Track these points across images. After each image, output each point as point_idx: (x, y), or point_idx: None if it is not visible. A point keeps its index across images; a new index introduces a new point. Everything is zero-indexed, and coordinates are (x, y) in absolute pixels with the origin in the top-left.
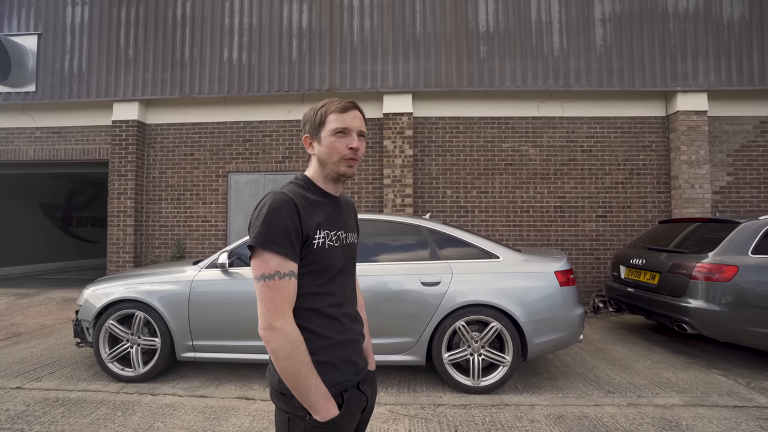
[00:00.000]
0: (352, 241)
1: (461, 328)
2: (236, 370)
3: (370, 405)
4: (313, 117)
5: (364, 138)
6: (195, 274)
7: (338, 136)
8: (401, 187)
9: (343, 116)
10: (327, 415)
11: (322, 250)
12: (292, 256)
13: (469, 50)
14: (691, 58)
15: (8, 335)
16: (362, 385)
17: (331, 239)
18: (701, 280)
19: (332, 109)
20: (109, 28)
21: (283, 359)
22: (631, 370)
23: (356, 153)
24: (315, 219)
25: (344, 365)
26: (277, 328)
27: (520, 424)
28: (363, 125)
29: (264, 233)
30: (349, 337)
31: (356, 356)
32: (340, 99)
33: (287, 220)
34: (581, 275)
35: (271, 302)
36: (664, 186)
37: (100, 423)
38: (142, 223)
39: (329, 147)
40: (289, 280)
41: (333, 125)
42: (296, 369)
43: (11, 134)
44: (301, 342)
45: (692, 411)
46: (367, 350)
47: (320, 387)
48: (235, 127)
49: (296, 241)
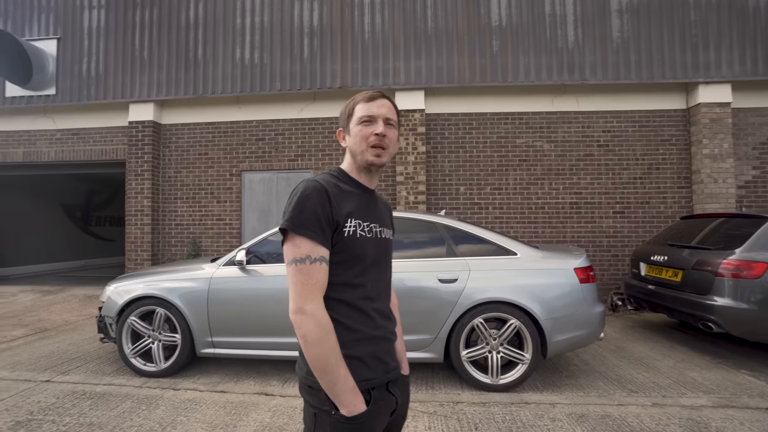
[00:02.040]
0: (387, 237)
1: (479, 326)
2: (255, 366)
3: (400, 408)
4: (344, 110)
5: (394, 127)
6: (213, 272)
7: (364, 125)
8: (414, 185)
9: (369, 105)
10: (354, 409)
11: (354, 239)
12: (323, 242)
13: (481, 45)
14: (713, 47)
15: (36, 330)
16: (392, 386)
17: (363, 229)
18: (728, 277)
19: (359, 99)
20: (125, 31)
21: (312, 344)
22: (654, 369)
23: (382, 140)
24: (346, 207)
25: (373, 362)
26: (308, 311)
27: (542, 422)
28: (391, 113)
29: (295, 218)
30: (380, 333)
31: (386, 355)
32: (371, 90)
33: (318, 206)
34: (598, 272)
35: (302, 286)
36: (684, 181)
37: (125, 416)
38: (158, 221)
39: (356, 136)
40: (320, 265)
41: (359, 114)
42: (325, 356)
43: (33, 136)
44: (332, 329)
45: (722, 412)
46: (401, 353)
47: (348, 378)
48: (247, 126)
49: (327, 227)
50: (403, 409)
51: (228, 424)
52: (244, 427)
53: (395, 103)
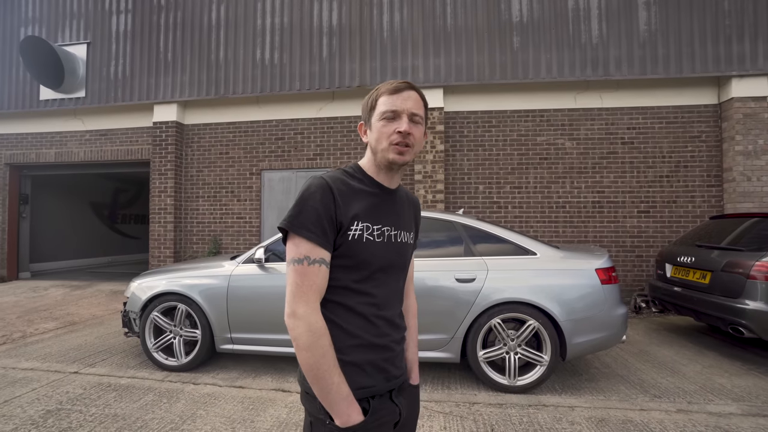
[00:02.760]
0: (404, 241)
1: (497, 326)
2: (272, 363)
3: (405, 420)
4: (367, 102)
5: (420, 123)
6: (233, 269)
7: (387, 121)
8: (432, 183)
9: (393, 98)
10: (348, 420)
11: (359, 244)
12: (323, 244)
13: (501, 41)
14: (749, 39)
15: (65, 324)
16: (395, 395)
17: (372, 233)
18: (762, 279)
19: (383, 90)
20: (150, 34)
21: (303, 349)
22: (679, 374)
23: (406, 138)
24: (353, 208)
25: (371, 369)
26: (299, 315)
27: (560, 425)
28: (417, 107)
29: (295, 217)
30: (382, 342)
31: (387, 363)
32: (396, 81)
33: (320, 206)
34: (621, 274)
35: (297, 287)
36: (715, 179)
37: (148, 408)
38: (181, 219)
39: (378, 132)
40: (318, 267)
41: (382, 108)
42: (316, 362)
43: (65, 137)
44: (324, 334)
45: (752, 421)
46: (412, 361)
47: (342, 387)
48: (267, 125)
49: (329, 229)
50: (410, 420)
51: (246, 419)
52: (261, 422)
53: (423, 94)
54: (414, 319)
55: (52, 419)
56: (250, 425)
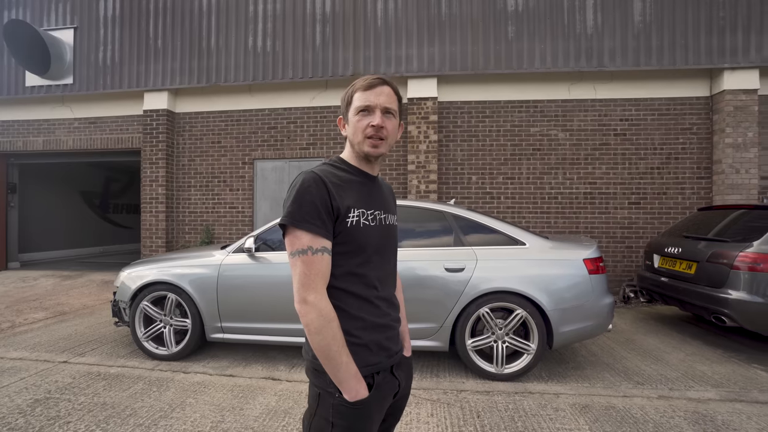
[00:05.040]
0: (392, 223)
1: (485, 315)
2: (263, 352)
3: (403, 390)
4: (344, 97)
5: (394, 116)
6: (223, 259)
7: (361, 115)
8: (425, 173)
9: (367, 94)
10: (356, 395)
11: (357, 229)
12: (324, 233)
13: (496, 31)
14: (742, 31)
15: (56, 313)
16: (396, 369)
17: (367, 218)
18: (744, 270)
19: (357, 86)
20: (139, 19)
21: (315, 333)
22: (662, 361)
23: (379, 131)
24: (347, 197)
25: (376, 348)
26: (310, 302)
27: (544, 412)
28: (390, 102)
29: (295, 212)
30: (385, 321)
31: (389, 341)
32: (370, 76)
33: (317, 198)
34: (612, 264)
35: (305, 276)
36: (705, 171)
37: (137, 397)
38: (172, 209)
39: (353, 127)
40: (322, 256)
41: (356, 103)
42: (327, 344)
43: (53, 125)
44: (333, 318)
45: (729, 406)
46: (404, 334)
47: (351, 366)
48: (260, 114)
49: (327, 219)
50: (406, 390)
51: (235, 407)
52: (250, 409)
53: (396, 88)
54: (401, 295)
55: (41, 408)
56: (239, 413)
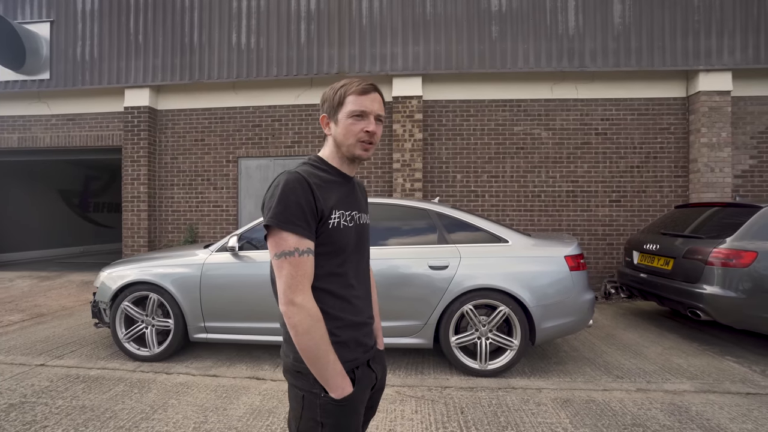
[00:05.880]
0: (366, 222)
1: (469, 312)
2: (247, 351)
3: (380, 382)
4: (332, 96)
5: (382, 122)
6: (206, 258)
7: (355, 119)
8: (410, 172)
9: (362, 99)
10: (342, 392)
11: (338, 230)
12: (308, 235)
13: (480, 31)
14: (715, 34)
15: (32, 315)
16: (372, 362)
17: (346, 219)
18: (717, 265)
19: (351, 90)
20: (119, 14)
21: (303, 334)
22: (641, 355)
23: (372, 137)
24: (330, 198)
25: (354, 344)
26: (298, 303)
27: (527, 407)
28: (381, 109)
29: (280, 213)
30: (361, 319)
31: (366, 337)
32: (360, 80)
33: (302, 199)
34: (593, 261)
35: (291, 278)
36: (682, 170)
37: (118, 399)
38: (155, 208)
39: (346, 129)
40: (307, 257)
41: (351, 107)
42: (315, 344)
43: (28, 122)
44: (320, 318)
45: (703, 397)
46: (377, 330)
47: (337, 364)
48: (244, 112)
49: (312, 220)
50: (382, 382)
51: (218, 407)
52: (234, 409)
53: (383, 95)
54: (375, 292)
55: (15, 413)
56: (222, 413)
